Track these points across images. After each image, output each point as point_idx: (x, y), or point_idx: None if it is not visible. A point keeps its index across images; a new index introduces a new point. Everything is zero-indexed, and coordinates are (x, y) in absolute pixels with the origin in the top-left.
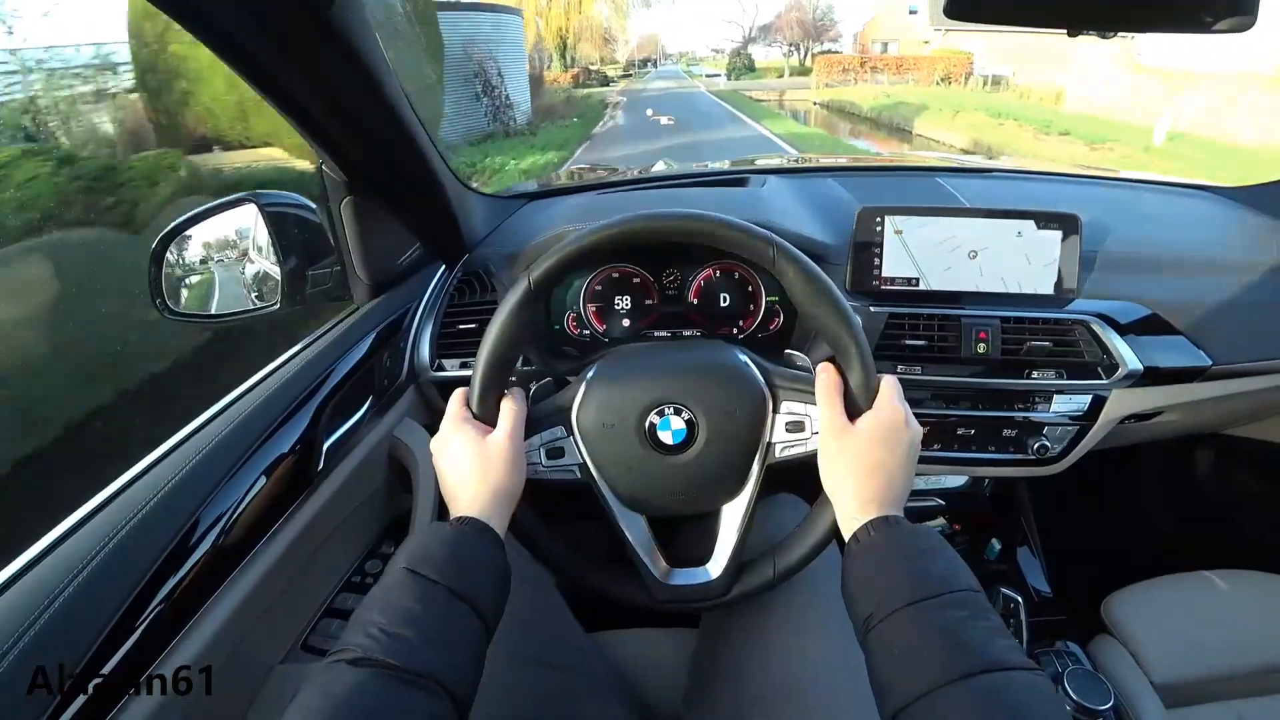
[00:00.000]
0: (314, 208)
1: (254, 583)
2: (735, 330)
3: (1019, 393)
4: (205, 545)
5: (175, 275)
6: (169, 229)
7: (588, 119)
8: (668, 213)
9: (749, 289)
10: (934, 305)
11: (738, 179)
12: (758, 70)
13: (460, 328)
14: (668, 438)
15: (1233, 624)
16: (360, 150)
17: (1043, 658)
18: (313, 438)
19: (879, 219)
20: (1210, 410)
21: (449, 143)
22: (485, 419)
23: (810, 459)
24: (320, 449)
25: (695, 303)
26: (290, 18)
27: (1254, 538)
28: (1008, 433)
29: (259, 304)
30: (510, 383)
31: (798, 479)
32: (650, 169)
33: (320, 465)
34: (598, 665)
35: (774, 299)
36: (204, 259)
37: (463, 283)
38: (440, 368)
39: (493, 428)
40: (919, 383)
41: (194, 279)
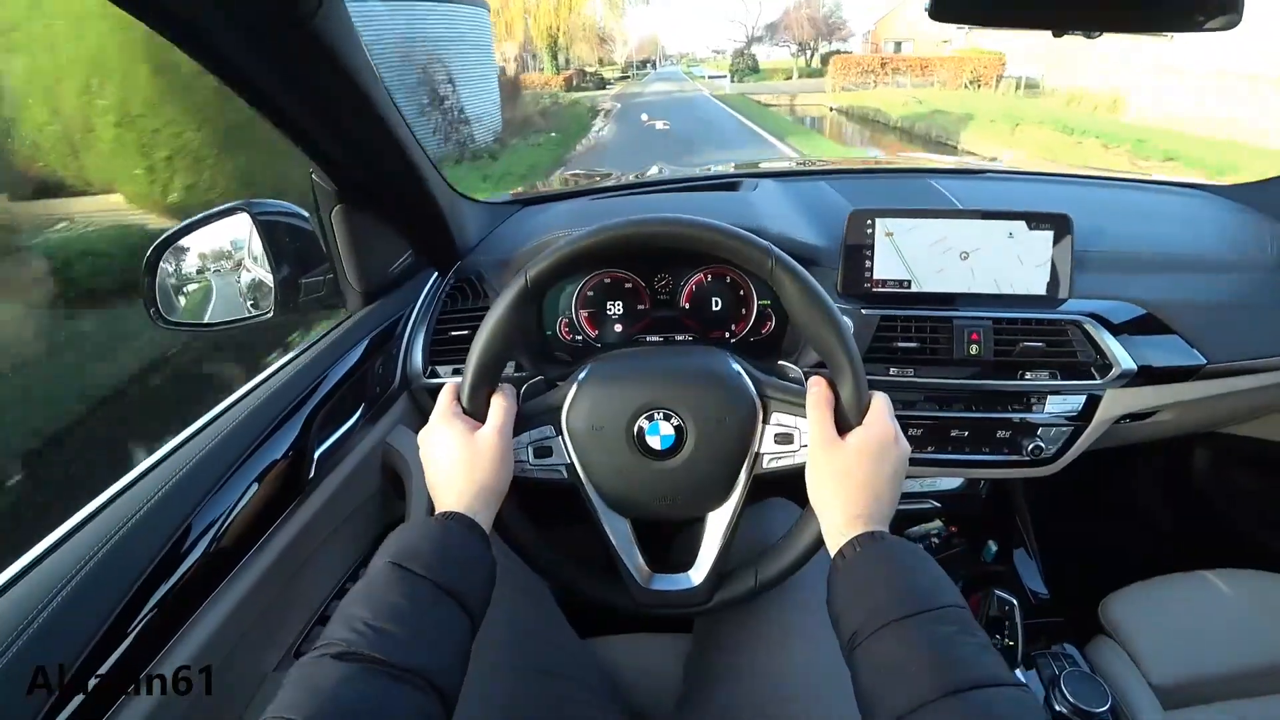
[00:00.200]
0: (306, 216)
1: (247, 589)
2: (727, 334)
3: (1013, 394)
4: (197, 552)
5: (170, 285)
6: (161, 239)
7: (569, 133)
8: (666, 218)
9: (741, 293)
10: (926, 307)
11: (729, 183)
12: (762, 71)
13: (453, 334)
14: (656, 442)
15: (1231, 624)
16: (349, 158)
17: (1040, 660)
18: (304, 445)
19: (870, 221)
20: (1205, 409)
21: None
22: (475, 414)
23: (798, 471)
24: (312, 456)
25: (687, 307)
26: (274, 28)
27: (1251, 536)
28: (1002, 434)
29: (253, 312)
30: (502, 380)
31: (788, 483)
32: (645, 173)
33: (312, 473)
34: (592, 672)
35: (766, 303)
36: (200, 269)
37: (455, 289)
38: (433, 374)
39: (482, 423)
40: (912, 385)
41: (190, 287)
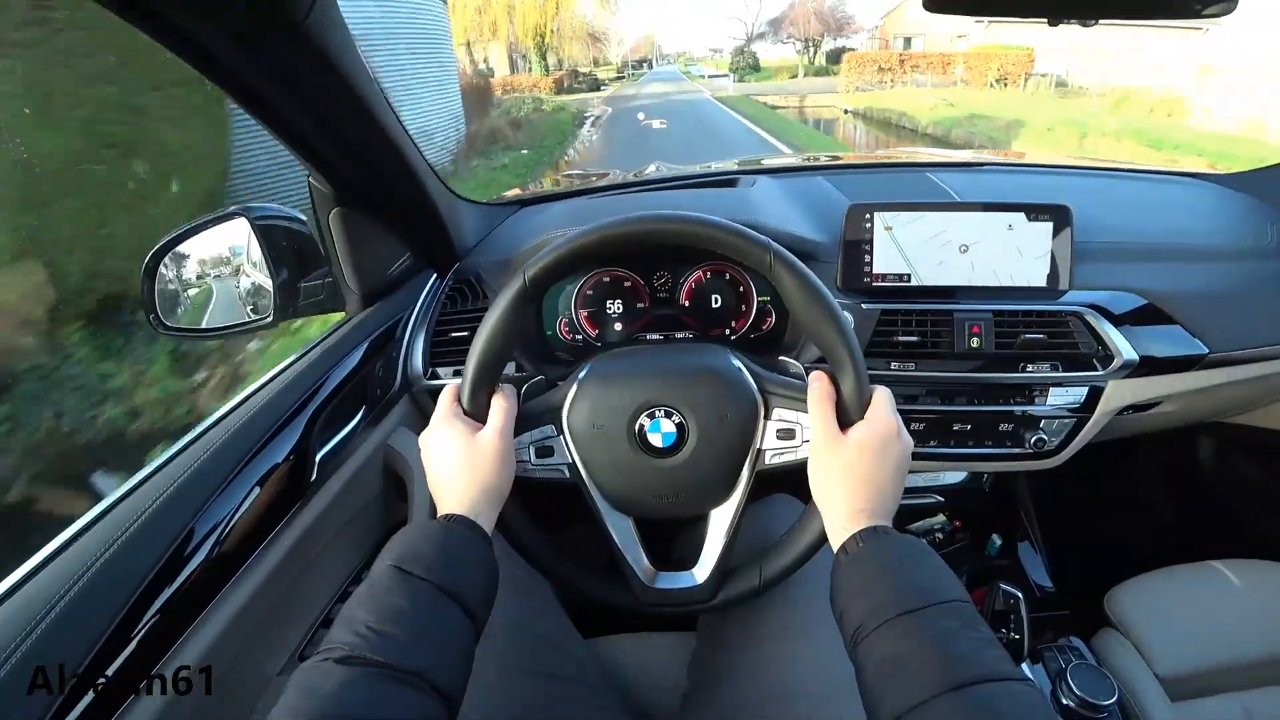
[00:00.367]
0: (304, 220)
1: (250, 593)
2: (728, 331)
3: (1014, 386)
4: (200, 556)
5: (169, 290)
6: (160, 245)
7: (545, 148)
8: (664, 215)
9: (740, 289)
10: (926, 301)
11: (727, 180)
12: (764, 70)
13: (453, 335)
14: (657, 440)
15: (1237, 614)
16: (345, 161)
17: (1046, 653)
18: (306, 448)
19: (868, 216)
20: (1208, 399)
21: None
22: (476, 415)
23: (800, 467)
24: (313, 459)
25: (687, 305)
26: (265, 30)
27: (1256, 526)
28: (1004, 427)
29: (253, 317)
30: (502, 380)
31: (791, 479)
32: (643, 172)
33: (314, 476)
34: (596, 672)
35: (765, 299)
36: (199, 274)
37: (454, 291)
38: (434, 376)
39: (483, 424)
40: (913, 379)
41: (190, 293)
